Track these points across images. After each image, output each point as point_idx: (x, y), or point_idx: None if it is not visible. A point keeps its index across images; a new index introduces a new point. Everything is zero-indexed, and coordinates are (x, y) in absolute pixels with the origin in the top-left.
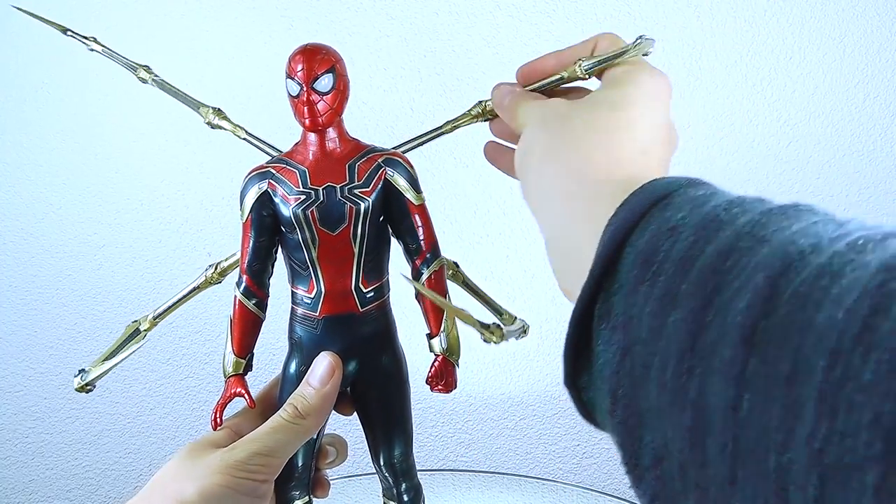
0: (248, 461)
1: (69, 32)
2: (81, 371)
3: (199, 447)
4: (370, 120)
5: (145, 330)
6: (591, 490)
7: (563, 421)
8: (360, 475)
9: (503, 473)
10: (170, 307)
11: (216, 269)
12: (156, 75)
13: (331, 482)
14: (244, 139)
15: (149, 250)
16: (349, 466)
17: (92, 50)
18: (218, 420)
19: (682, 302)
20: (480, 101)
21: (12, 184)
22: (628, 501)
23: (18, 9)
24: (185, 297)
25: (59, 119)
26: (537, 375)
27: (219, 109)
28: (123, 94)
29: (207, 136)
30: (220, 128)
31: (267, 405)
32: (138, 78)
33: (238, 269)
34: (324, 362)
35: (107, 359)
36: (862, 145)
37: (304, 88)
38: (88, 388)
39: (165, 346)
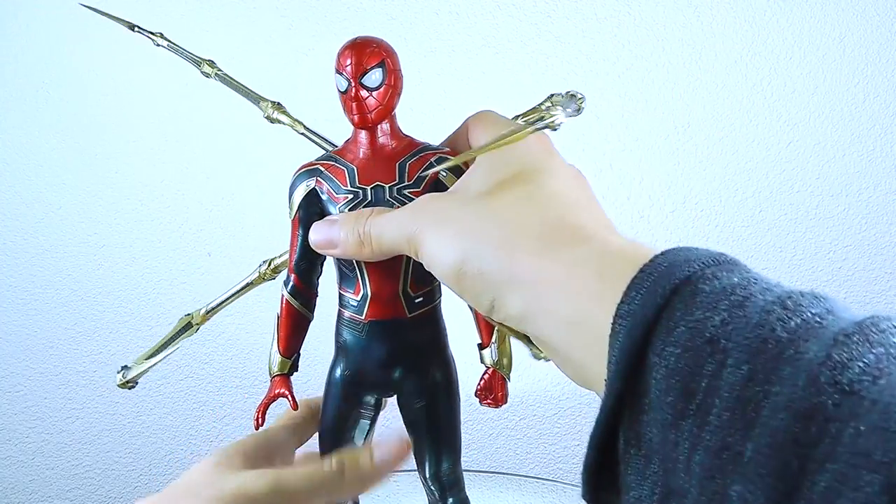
0: (265, 499)
1: (136, 28)
2: (124, 367)
3: (226, 458)
4: None
5: (197, 324)
6: None
7: (563, 421)
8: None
9: (503, 473)
10: (222, 302)
11: (269, 265)
12: (219, 70)
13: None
14: (302, 134)
15: (149, 250)
16: None
17: (158, 45)
18: (260, 420)
19: (752, 475)
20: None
21: (12, 184)
22: None
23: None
24: (238, 292)
25: (59, 119)
26: (537, 375)
27: (279, 104)
28: (123, 94)
29: (207, 136)
30: (279, 122)
31: (306, 414)
32: (202, 72)
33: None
34: (397, 445)
35: (155, 353)
36: (862, 145)
37: (353, 84)
38: (131, 384)
39: None
